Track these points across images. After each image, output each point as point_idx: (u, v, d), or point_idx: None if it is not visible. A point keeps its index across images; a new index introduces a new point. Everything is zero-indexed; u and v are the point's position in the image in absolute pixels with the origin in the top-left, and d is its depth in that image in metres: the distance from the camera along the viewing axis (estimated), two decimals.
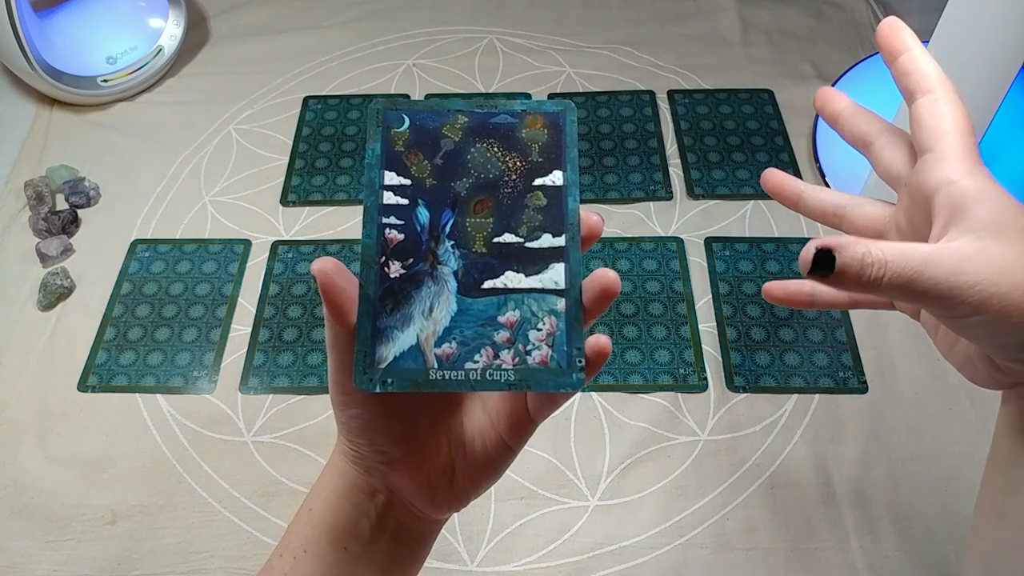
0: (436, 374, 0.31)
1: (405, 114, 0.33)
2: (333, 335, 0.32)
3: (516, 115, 0.33)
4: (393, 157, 0.32)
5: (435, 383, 0.30)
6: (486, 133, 0.33)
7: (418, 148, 0.33)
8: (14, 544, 0.59)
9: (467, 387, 0.31)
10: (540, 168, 0.32)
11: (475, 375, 0.31)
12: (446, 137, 0.33)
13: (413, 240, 0.32)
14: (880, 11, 0.94)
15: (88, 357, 0.68)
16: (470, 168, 0.32)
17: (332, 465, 0.37)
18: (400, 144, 0.33)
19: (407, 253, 0.32)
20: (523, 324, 0.31)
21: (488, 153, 0.33)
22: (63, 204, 0.79)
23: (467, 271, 0.32)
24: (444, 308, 0.31)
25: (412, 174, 0.32)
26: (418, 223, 0.32)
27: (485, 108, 0.33)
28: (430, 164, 0.32)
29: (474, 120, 0.33)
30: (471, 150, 0.33)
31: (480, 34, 0.95)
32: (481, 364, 0.31)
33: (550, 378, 0.31)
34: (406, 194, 0.32)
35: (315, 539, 0.36)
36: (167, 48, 0.90)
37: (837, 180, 0.76)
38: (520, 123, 0.33)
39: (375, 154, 0.33)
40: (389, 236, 0.32)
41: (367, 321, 0.31)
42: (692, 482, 0.61)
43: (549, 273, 0.31)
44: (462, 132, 0.33)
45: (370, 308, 0.31)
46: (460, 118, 0.33)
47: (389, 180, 0.32)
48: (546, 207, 0.32)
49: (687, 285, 0.71)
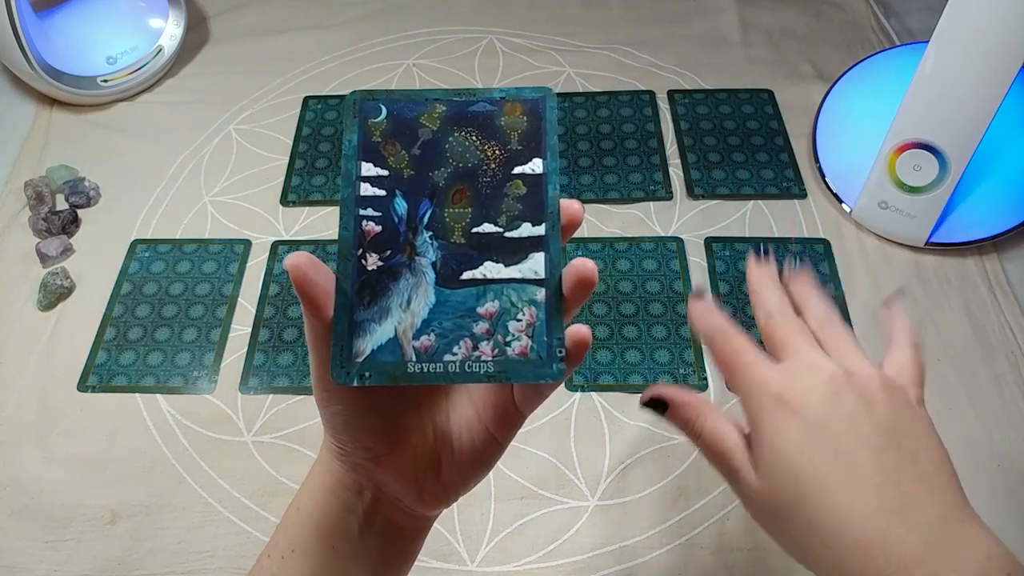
0: (414, 367, 0.30)
1: (382, 104, 0.33)
2: (311, 331, 0.31)
3: (495, 103, 0.33)
4: (370, 148, 0.32)
5: (413, 376, 0.30)
6: (464, 122, 0.32)
7: (395, 138, 0.32)
8: (14, 544, 0.59)
9: (446, 379, 0.30)
10: (519, 156, 0.32)
11: (454, 367, 0.30)
12: (424, 127, 0.32)
13: (391, 232, 0.31)
14: (880, 11, 0.94)
15: (88, 357, 0.68)
16: (448, 157, 0.32)
17: (319, 463, 0.36)
18: (377, 134, 0.32)
19: (385, 245, 0.31)
20: (502, 315, 0.31)
21: (466, 142, 0.32)
22: (63, 204, 0.79)
23: (445, 262, 0.31)
24: (422, 300, 0.31)
25: (389, 165, 0.32)
26: (396, 214, 0.31)
27: (463, 96, 0.33)
28: (408, 154, 0.32)
29: (452, 109, 0.32)
30: (449, 139, 0.32)
31: (480, 34, 0.95)
32: (460, 356, 0.30)
33: (530, 369, 0.30)
34: (383, 185, 0.32)
35: (303, 538, 0.35)
36: (167, 48, 0.90)
37: (837, 180, 0.76)
38: (499, 111, 0.32)
39: (352, 145, 0.32)
40: (366, 228, 0.31)
41: (344, 315, 0.30)
42: (692, 482, 0.61)
43: (529, 263, 0.31)
44: (440, 121, 0.32)
45: (347, 302, 0.30)
46: (438, 107, 0.32)
47: (366, 171, 0.32)
48: (526, 196, 0.32)
49: (687, 285, 0.71)
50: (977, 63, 0.62)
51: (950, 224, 0.72)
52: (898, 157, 0.70)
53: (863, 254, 0.73)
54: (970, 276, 0.71)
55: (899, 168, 0.70)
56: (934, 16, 0.63)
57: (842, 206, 0.76)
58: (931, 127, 0.67)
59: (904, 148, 0.69)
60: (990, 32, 0.61)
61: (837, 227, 0.75)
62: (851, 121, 0.79)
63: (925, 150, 0.68)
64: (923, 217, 0.71)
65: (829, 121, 0.80)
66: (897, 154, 0.70)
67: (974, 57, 0.62)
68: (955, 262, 0.72)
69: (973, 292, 0.70)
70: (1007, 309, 0.69)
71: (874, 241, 0.74)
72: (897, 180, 0.70)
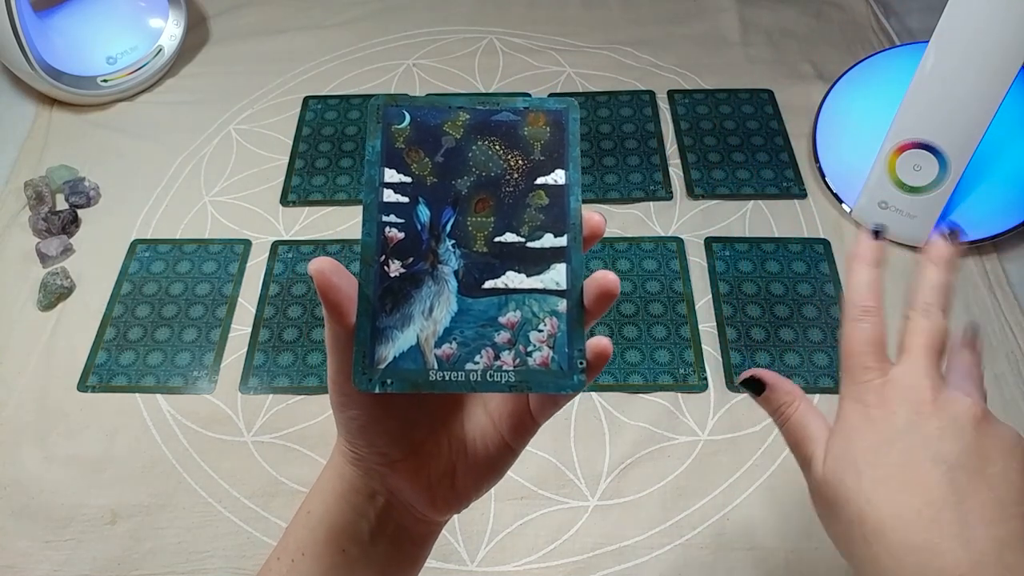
0: (436, 375, 0.30)
1: (406, 110, 0.33)
2: (332, 335, 0.31)
3: (518, 112, 0.33)
4: (393, 154, 0.32)
5: (435, 384, 0.30)
6: (488, 131, 0.32)
7: (419, 145, 0.32)
8: (14, 544, 0.59)
9: (467, 388, 0.30)
10: (542, 167, 0.32)
11: (475, 376, 0.30)
12: (447, 134, 0.32)
13: (413, 239, 0.31)
14: (880, 11, 0.94)
15: (88, 357, 0.68)
16: (471, 166, 0.32)
17: (331, 466, 0.36)
18: (401, 141, 0.32)
19: (407, 252, 0.31)
20: (524, 325, 0.31)
21: (490, 151, 0.32)
22: (63, 204, 0.79)
23: (468, 271, 0.31)
24: (444, 308, 0.31)
25: (413, 171, 0.32)
26: (419, 222, 0.31)
27: (487, 105, 0.33)
28: (431, 161, 0.32)
29: (476, 117, 0.33)
30: (472, 148, 0.32)
31: (480, 34, 0.95)
32: (482, 365, 0.30)
33: (551, 380, 0.30)
34: (406, 192, 0.32)
35: (313, 541, 0.35)
36: (167, 48, 0.90)
37: (837, 180, 0.76)
38: (522, 121, 0.33)
39: (375, 151, 0.32)
40: (389, 235, 0.31)
41: (366, 321, 0.30)
42: (692, 482, 0.61)
43: (550, 273, 0.31)
44: (464, 129, 0.32)
45: (369, 308, 0.30)
46: (461, 115, 0.33)
47: (389, 178, 0.32)
48: (548, 206, 0.32)
49: (687, 285, 0.71)
50: (977, 63, 0.62)
51: (950, 224, 0.72)
52: (898, 157, 0.70)
53: None
54: (970, 276, 0.71)
55: (899, 168, 0.70)
56: (934, 16, 0.63)
57: (842, 206, 0.76)
58: (931, 127, 0.67)
59: (904, 148, 0.69)
60: (990, 32, 0.61)
61: (837, 227, 0.75)
62: (851, 121, 0.79)
63: (925, 150, 0.68)
64: (923, 217, 0.71)
65: (829, 121, 0.80)
66: (897, 154, 0.70)
67: (974, 57, 0.62)
68: None
69: (973, 292, 0.70)
70: (1007, 309, 0.69)
71: None
72: (897, 180, 0.70)
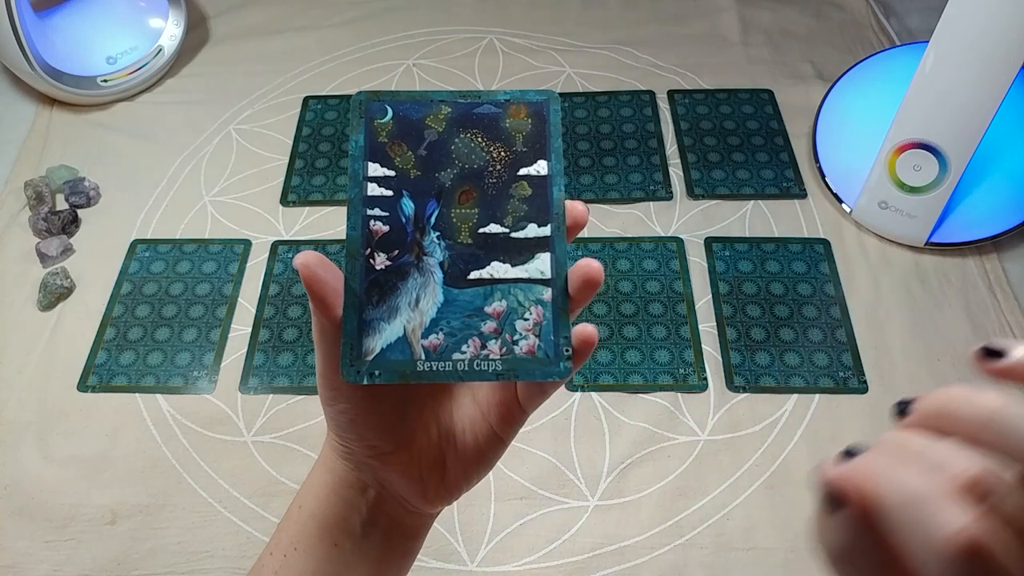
0: (424, 365, 0.30)
1: (388, 105, 0.33)
2: (319, 329, 0.32)
3: (500, 105, 0.33)
4: (376, 148, 0.32)
5: (423, 374, 0.30)
6: (470, 123, 0.33)
7: (402, 139, 0.32)
8: (14, 544, 0.59)
9: (455, 377, 0.30)
10: (525, 158, 0.32)
11: (463, 365, 0.31)
12: (430, 128, 0.33)
13: (398, 232, 0.32)
14: (880, 11, 0.94)
15: (88, 357, 0.68)
16: (454, 159, 0.32)
17: (322, 461, 0.36)
18: (383, 135, 0.33)
19: (392, 245, 0.31)
20: (510, 314, 0.31)
21: (472, 143, 0.33)
22: (63, 204, 0.79)
23: (453, 262, 0.31)
24: (431, 299, 0.31)
25: (396, 165, 0.32)
26: (403, 214, 0.32)
27: (468, 98, 0.33)
28: (414, 155, 0.32)
29: (458, 110, 0.33)
30: (455, 140, 0.33)
31: (480, 34, 0.95)
32: (468, 355, 0.31)
33: (537, 367, 0.31)
34: (390, 185, 0.32)
35: (305, 536, 0.36)
36: (167, 48, 0.90)
37: (837, 180, 0.76)
38: (504, 113, 0.33)
39: (358, 145, 0.32)
40: (374, 228, 0.32)
41: (353, 313, 0.31)
42: (692, 482, 0.61)
43: (535, 263, 0.32)
44: (446, 123, 0.33)
45: (356, 300, 0.31)
46: (443, 109, 0.33)
47: (373, 171, 0.32)
48: (531, 197, 0.32)
49: (687, 285, 0.71)
50: (977, 63, 0.62)
51: (950, 224, 0.72)
52: (898, 157, 0.70)
53: (863, 254, 0.73)
54: (970, 276, 0.71)
55: (899, 168, 0.70)
56: (934, 16, 0.63)
57: (842, 206, 0.76)
58: (931, 127, 0.67)
59: (904, 148, 0.69)
60: (990, 32, 0.61)
61: (837, 227, 0.75)
62: (851, 121, 0.79)
63: (925, 150, 0.68)
64: (923, 217, 0.71)
65: (829, 121, 0.80)
66: (897, 154, 0.70)
67: (974, 57, 0.62)
68: (955, 262, 0.72)
69: (973, 292, 0.70)
70: (1007, 309, 0.69)
71: (874, 241, 0.74)
72: (897, 180, 0.71)
